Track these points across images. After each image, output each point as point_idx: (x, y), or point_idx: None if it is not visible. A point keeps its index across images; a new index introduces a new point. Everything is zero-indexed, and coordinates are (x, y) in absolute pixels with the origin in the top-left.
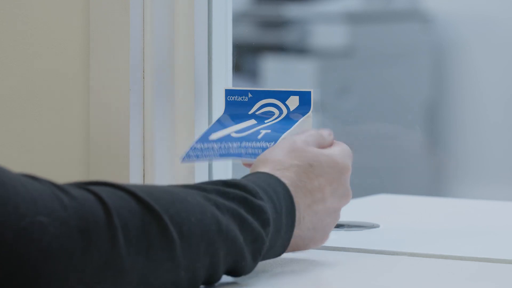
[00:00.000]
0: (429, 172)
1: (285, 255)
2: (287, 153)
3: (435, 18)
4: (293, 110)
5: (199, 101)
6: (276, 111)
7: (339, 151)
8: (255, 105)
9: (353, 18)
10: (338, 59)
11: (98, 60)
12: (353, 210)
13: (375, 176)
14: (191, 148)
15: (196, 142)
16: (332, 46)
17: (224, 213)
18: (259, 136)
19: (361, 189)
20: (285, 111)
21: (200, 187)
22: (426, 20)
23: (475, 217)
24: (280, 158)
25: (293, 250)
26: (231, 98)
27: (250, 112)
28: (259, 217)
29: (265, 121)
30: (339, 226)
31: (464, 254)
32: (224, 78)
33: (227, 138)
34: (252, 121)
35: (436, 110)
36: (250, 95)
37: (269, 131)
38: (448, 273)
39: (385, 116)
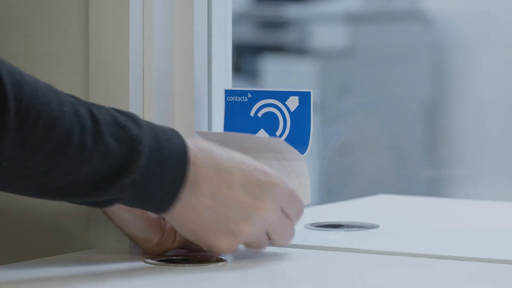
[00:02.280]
0: (429, 172)
1: (283, 253)
2: (223, 150)
3: (435, 18)
4: (293, 111)
5: (199, 101)
6: (276, 112)
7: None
8: (255, 106)
9: (353, 19)
10: (338, 60)
11: (98, 60)
12: (353, 210)
13: (375, 176)
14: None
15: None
16: (332, 46)
17: (81, 116)
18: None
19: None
20: (285, 112)
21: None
22: (426, 20)
23: (475, 217)
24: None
25: (191, 232)
26: (231, 99)
27: (251, 114)
28: (125, 140)
29: (276, 133)
30: (339, 226)
31: (464, 254)
32: (224, 78)
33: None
34: (264, 134)
35: (436, 110)
36: (250, 96)
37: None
38: (448, 273)
39: (385, 116)
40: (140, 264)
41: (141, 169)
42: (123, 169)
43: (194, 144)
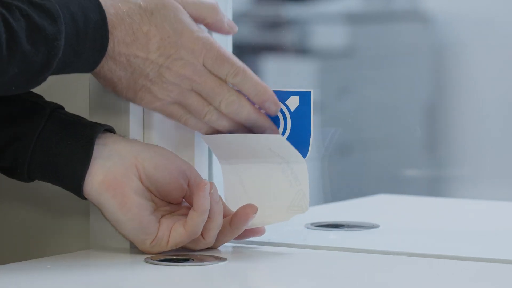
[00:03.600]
0: (429, 172)
1: (283, 253)
2: None
3: (435, 18)
4: (293, 111)
5: None
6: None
7: (209, 37)
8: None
9: (353, 18)
10: (338, 60)
11: None
12: (353, 210)
13: (375, 176)
14: None
15: None
16: (332, 46)
17: None
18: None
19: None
20: (285, 112)
21: None
22: (426, 20)
23: (475, 217)
24: None
25: (112, 90)
26: None
27: None
28: (41, 41)
29: None
30: (339, 226)
31: (464, 254)
32: None
33: None
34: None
35: (436, 110)
36: None
37: None
38: (448, 273)
39: (385, 116)
40: (140, 264)
41: (60, 60)
42: (43, 67)
43: (114, 12)
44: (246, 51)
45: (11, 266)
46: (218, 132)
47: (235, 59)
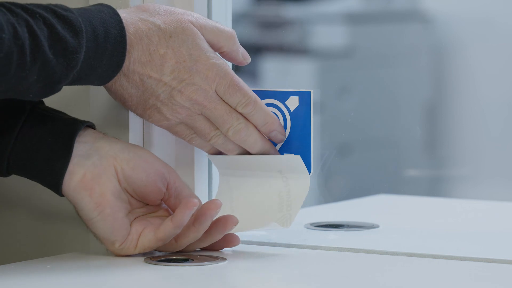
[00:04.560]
0: (429, 172)
1: (283, 253)
2: (167, 12)
3: (435, 18)
4: (293, 111)
5: None
6: (277, 111)
7: (223, 64)
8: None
9: (353, 19)
10: (338, 59)
11: None
12: (353, 210)
13: (375, 176)
14: None
15: None
16: (332, 46)
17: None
18: None
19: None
20: (285, 112)
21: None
22: (426, 21)
23: (475, 217)
24: (151, 9)
25: (122, 104)
26: None
27: None
28: (62, 52)
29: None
30: (339, 226)
31: (464, 254)
32: None
33: None
34: None
35: (436, 110)
36: None
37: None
38: (448, 273)
39: (385, 116)
40: (140, 264)
41: (78, 72)
42: (61, 78)
43: (133, 31)
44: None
45: (11, 266)
46: (222, 152)
47: (247, 88)
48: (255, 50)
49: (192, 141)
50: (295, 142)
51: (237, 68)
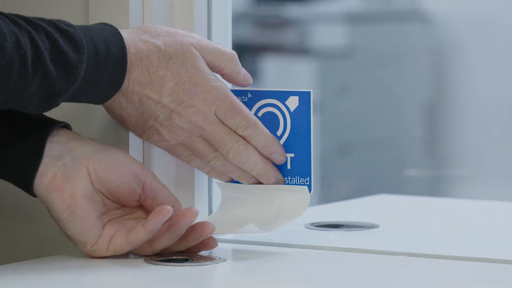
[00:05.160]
0: (429, 172)
1: (283, 253)
2: (168, 33)
3: (435, 18)
4: (293, 111)
5: None
6: (276, 112)
7: (223, 87)
8: (255, 105)
9: (353, 19)
10: (338, 59)
11: None
12: (353, 210)
13: (375, 176)
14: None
15: None
16: (332, 46)
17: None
18: (289, 166)
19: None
20: (285, 112)
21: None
22: (426, 21)
23: (475, 217)
24: (153, 31)
25: (121, 124)
26: None
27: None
28: (63, 66)
29: (277, 133)
30: (339, 226)
31: (464, 254)
32: None
33: None
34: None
35: (436, 110)
36: (250, 95)
37: (292, 154)
38: (448, 273)
39: (385, 116)
40: (140, 264)
41: (75, 88)
42: (61, 92)
43: (134, 51)
44: (246, 51)
45: (11, 266)
46: (222, 174)
47: (246, 111)
48: (255, 50)
49: (191, 162)
50: (295, 142)
51: None
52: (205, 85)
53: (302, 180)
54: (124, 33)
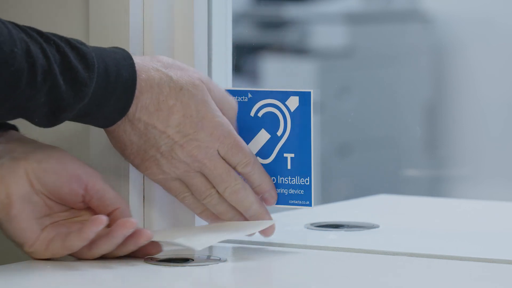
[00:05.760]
0: (429, 172)
1: (283, 253)
2: (180, 67)
3: (435, 18)
4: (293, 111)
5: None
6: (277, 112)
7: (228, 124)
8: (255, 106)
9: (353, 19)
10: (338, 60)
11: None
12: (353, 210)
13: (375, 176)
14: None
15: None
16: (332, 46)
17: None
18: (289, 166)
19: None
20: (285, 112)
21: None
22: (426, 21)
23: (475, 217)
24: (165, 61)
25: (120, 151)
26: None
27: (251, 114)
28: (72, 81)
29: (277, 133)
30: (339, 226)
31: (464, 254)
32: (224, 78)
33: None
34: (265, 134)
35: (436, 110)
36: (250, 96)
37: (292, 155)
38: (448, 273)
39: (385, 116)
40: (140, 264)
41: (82, 107)
42: (68, 107)
43: (145, 78)
44: (246, 51)
45: (11, 266)
46: (213, 215)
47: (247, 148)
48: (255, 50)
49: (185, 199)
50: (295, 142)
51: (237, 68)
52: (212, 120)
53: (302, 180)
54: (137, 59)
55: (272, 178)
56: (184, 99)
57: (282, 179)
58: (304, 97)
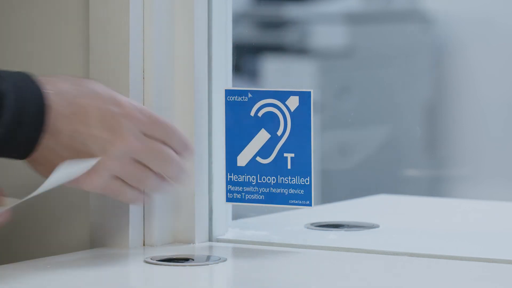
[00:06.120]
0: (429, 172)
1: (283, 253)
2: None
3: (434, 18)
4: (293, 111)
5: (199, 101)
6: (277, 111)
7: (133, 102)
8: (255, 105)
9: (353, 19)
10: (338, 60)
11: (98, 60)
12: (353, 210)
13: (375, 176)
14: (227, 184)
15: (228, 172)
16: (332, 46)
17: None
18: (289, 166)
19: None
20: (285, 112)
21: None
22: (426, 21)
23: (475, 217)
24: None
25: (49, 171)
26: (231, 98)
27: (251, 113)
28: None
29: (277, 133)
30: (339, 226)
31: (464, 254)
32: (224, 78)
33: (258, 166)
34: (265, 134)
35: (436, 110)
36: (250, 95)
37: (293, 154)
38: (448, 273)
39: (385, 116)
40: (140, 264)
41: (5, 122)
42: None
43: (50, 88)
44: (246, 51)
45: (11, 266)
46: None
47: (163, 118)
48: (255, 50)
49: (124, 195)
50: (295, 142)
51: (237, 68)
52: (128, 104)
53: (302, 180)
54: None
55: (272, 178)
56: (92, 94)
57: (282, 179)
58: (304, 97)
